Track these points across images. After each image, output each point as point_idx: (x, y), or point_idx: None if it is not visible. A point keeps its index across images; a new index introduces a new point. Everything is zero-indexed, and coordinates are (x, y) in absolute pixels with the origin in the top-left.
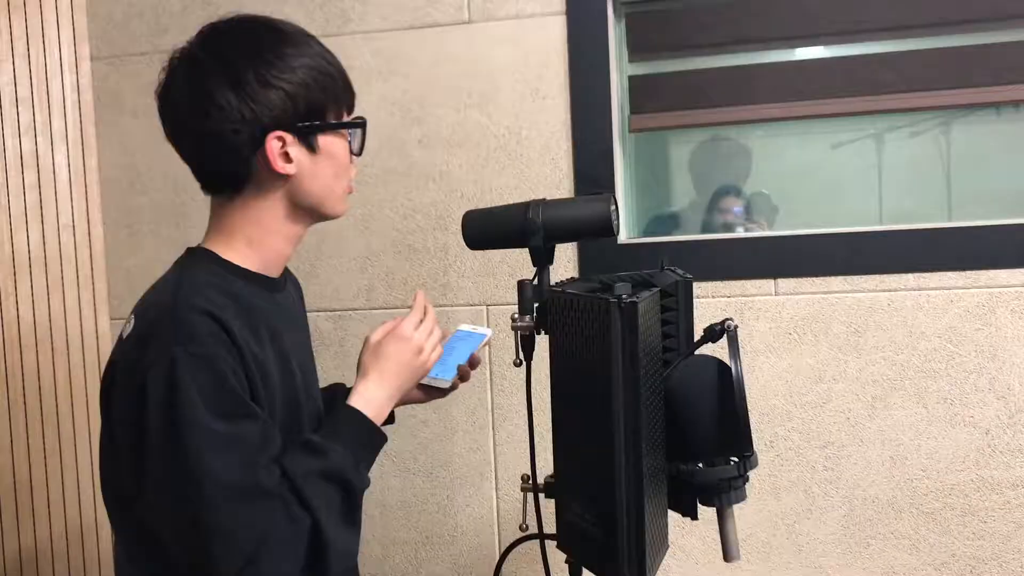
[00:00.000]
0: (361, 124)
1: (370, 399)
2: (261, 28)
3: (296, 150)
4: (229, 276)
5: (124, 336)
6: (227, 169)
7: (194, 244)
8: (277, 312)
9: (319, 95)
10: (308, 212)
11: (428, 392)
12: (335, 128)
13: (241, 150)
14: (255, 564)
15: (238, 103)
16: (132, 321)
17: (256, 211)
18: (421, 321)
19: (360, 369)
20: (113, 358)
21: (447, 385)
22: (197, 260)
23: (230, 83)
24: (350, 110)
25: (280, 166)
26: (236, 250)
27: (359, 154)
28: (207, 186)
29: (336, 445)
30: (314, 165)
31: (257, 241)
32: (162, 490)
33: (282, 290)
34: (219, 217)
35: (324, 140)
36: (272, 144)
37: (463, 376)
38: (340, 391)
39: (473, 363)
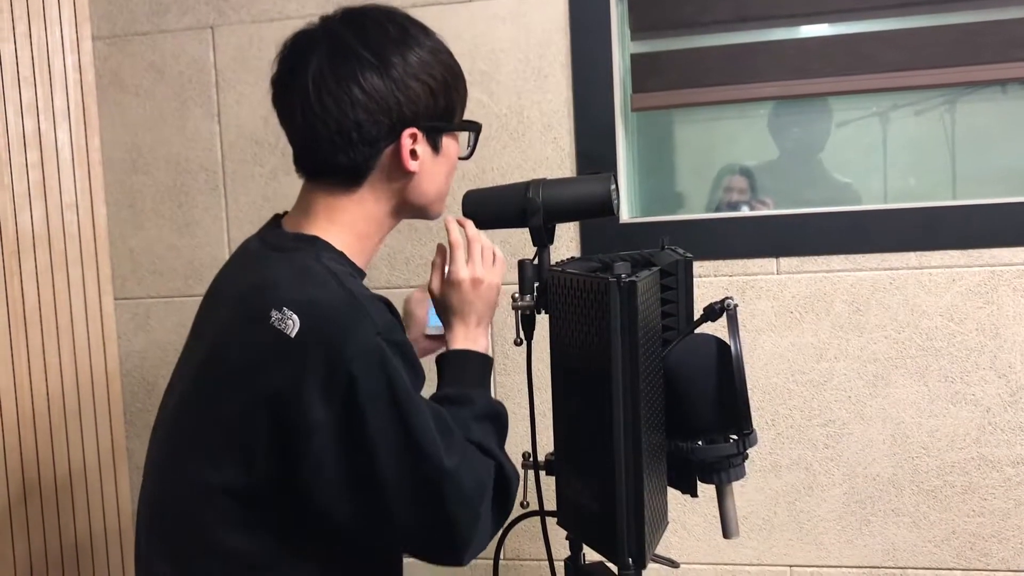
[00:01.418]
0: (479, 128)
1: (465, 339)
2: (405, 19)
3: (423, 148)
4: (352, 270)
5: (291, 335)
6: (356, 159)
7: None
8: None
9: (453, 95)
10: (414, 211)
11: (437, 341)
12: (459, 129)
13: (377, 142)
14: (479, 515)
15: (386, 92)
16: (294, 318)
17: (370, 205)
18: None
19: (444, 323)
20: (278, 358)
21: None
22: (325, 250)
23: (379, 70)
24: (464, 110)
25: (408, 163)
26: (346, 244)
27: (468, 158)
28: (318, 174)
29: (468, 388)
30: (434, 165)
31: (365, 235)
32: (400, 477)
33: None
34: (329, 208)
35: (446, 141)
36: (406, 140)
37: None
38: None
39: None
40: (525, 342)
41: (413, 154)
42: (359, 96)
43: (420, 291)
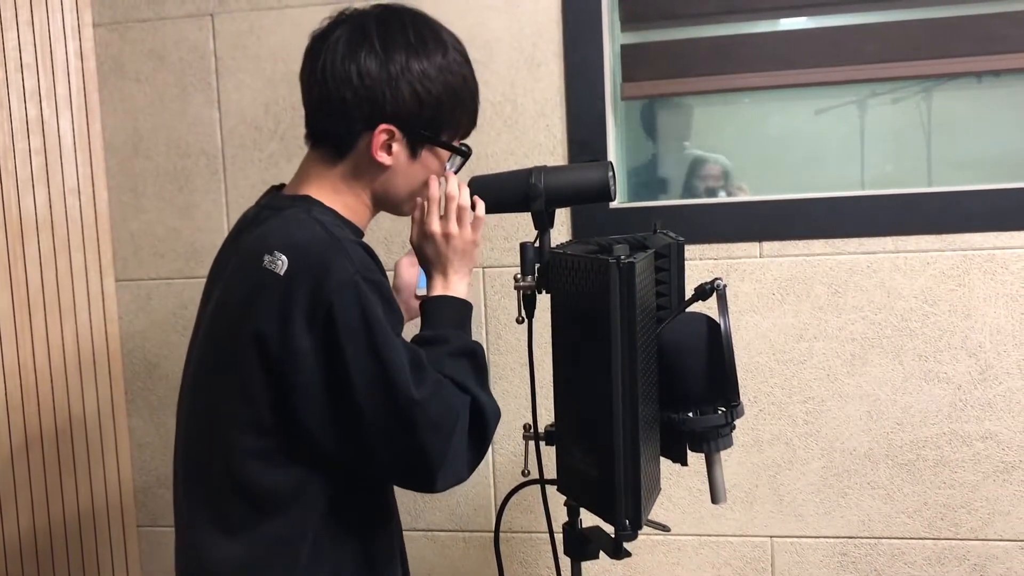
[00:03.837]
0: (466, 154)
1: (444, 287)
2: (431, 31)
3: (398, 147)
4: (343, 223)
5: (281, 273)
6: (332, 131)
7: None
8: None
9: (445, 114)
10: (387, 204)
11: None
12: (441, 147)
13: (354, 123)
14: (451, 444)
15: (377, 81)
16: (283, 258)
17: (352, 181)
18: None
19: (424, 273)
20: (269, 295)
21: None
22: (316, 205)
23: (381, 63)
24: (465, 134)
25: (378, 154)
26: (335, 205)
27: (455, 172)
28: (314, 137)
29: (443, 328)
30: (408, 167)
31: (351, 207)
32: (375, 405)
33: None
34: (320, 175)
35: (426, 151)
36: (380, 134)
37: None
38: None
39: None
40: (527, 321)
41: (388, 148)
42: (353, 76)
43: (409, 256)
